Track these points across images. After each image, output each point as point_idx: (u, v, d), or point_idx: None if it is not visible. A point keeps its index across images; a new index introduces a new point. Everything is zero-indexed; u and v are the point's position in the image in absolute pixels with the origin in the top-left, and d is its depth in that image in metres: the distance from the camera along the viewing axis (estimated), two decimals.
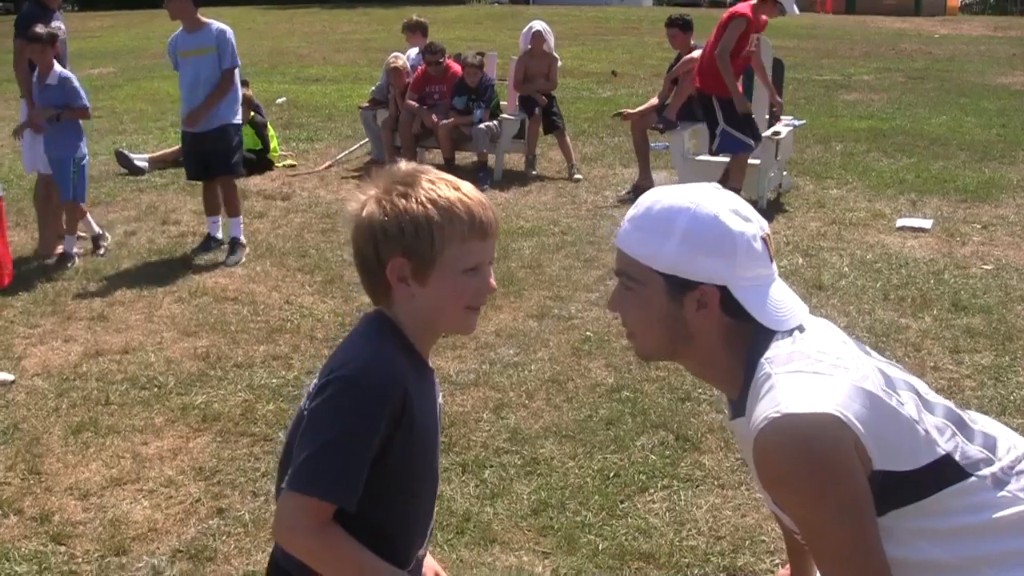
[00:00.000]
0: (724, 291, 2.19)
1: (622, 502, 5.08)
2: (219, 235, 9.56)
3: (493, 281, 2.35)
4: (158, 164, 12.76)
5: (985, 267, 8.95)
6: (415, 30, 13.96)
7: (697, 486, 5.24)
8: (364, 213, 2.26)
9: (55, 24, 9.14)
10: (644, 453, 5.57)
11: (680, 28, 12.19)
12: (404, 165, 2.33)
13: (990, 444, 2.21)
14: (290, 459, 2.25)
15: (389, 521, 2.29)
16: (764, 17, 10.66)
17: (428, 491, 2.44)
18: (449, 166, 12.53)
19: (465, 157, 13.17)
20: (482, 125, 12.39)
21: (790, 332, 2.20)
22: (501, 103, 12.96)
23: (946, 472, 2.11)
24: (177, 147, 11.97)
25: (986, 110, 17.75)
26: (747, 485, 5.17)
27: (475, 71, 12.48)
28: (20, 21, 9.18)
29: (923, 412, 2.16)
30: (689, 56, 11.95)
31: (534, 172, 12.84)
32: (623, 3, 47.49)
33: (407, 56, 13.39)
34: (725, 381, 2.30)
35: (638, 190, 11.35)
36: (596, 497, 5.11)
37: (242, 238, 9.33)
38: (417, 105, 12.64)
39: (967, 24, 34.47)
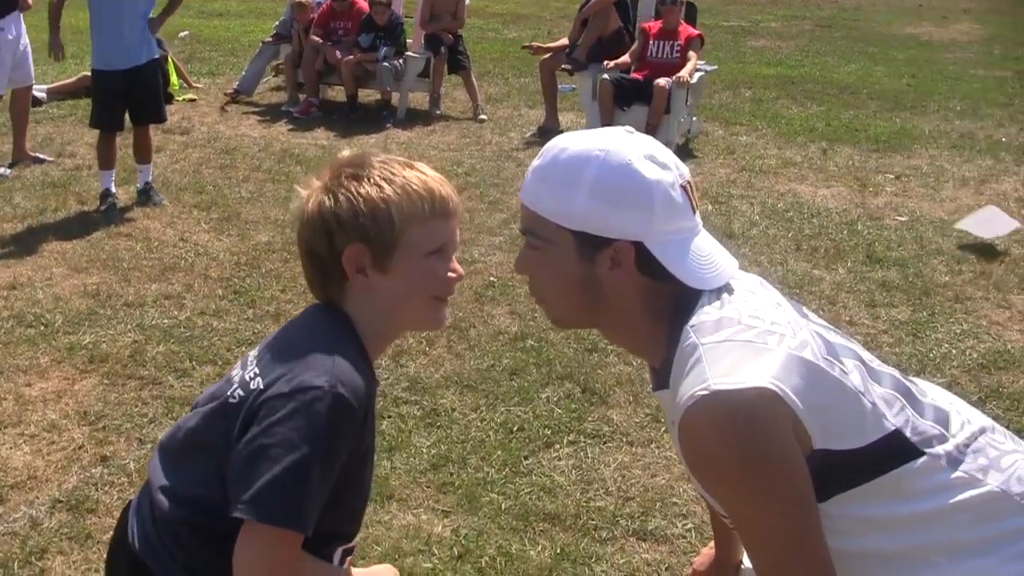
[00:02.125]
0: (640, 247, 1.97)
1: (526, 458, 4.87)
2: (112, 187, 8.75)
3: (459, 267, 2.17)
4: (56, 95, 12.50)
5: (899, 219, 8.93)
6: None
7: (604, 443, 5.04)
8: (311, 205, 2.09)
9: None
10: (549, 406, 5.37)
11: None
12: (348, 152, 2.17)
13: (942, 419, 2.02)
14: (203, 435, 2.08)
15: (318, 531, 2.06)
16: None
17: (364, 496, 2.24)
18: (352, 103, 12.42)
19: (368, 95, 13.00)
20: (386, 63, 12.18)
21: (719, 294, 1.98)
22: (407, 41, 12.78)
23: (896, 449, 1.91)
24: (77, 77, 12.23)
25: (895, 60, 17.90)
26: (657, 443, 5.01)
27: (383, 9, 12.23)
28: None
29: (869, 382, 1.96)
30: None
31: (438, 112, 12.71)
32: None
33: None
34: (646, 349, 2.09)
35: (544, 132, 11.41)
36: (499, 452, 4.90)
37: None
38: (321, 41, 12.41)
39: None
